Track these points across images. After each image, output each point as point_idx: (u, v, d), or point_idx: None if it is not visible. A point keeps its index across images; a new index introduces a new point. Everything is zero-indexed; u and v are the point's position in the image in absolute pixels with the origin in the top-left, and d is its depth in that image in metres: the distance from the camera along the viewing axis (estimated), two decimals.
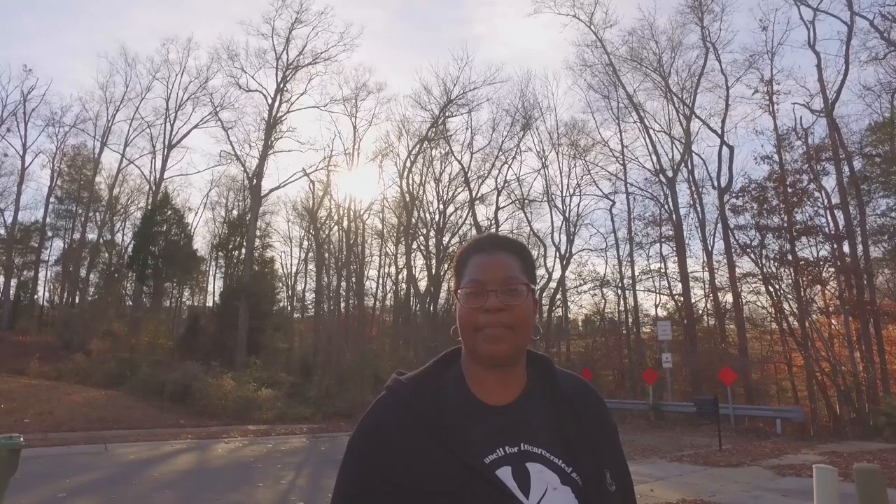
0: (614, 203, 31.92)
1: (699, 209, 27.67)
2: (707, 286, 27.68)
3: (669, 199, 28.45)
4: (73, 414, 15.53)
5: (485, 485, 0.92)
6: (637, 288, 30.22)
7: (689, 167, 28.39)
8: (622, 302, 30.91)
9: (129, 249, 38.76)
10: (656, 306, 30.45)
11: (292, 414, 18.76)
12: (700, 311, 28.73)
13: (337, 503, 1.01)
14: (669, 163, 29.22)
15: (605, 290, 31.85)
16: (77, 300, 40.50)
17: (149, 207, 37.33)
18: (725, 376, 17.31)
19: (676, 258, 27.66)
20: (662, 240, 29.28)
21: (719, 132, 27.21)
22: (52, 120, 40.24)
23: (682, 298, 27.42)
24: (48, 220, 42.99)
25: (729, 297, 25.91)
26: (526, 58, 69.67)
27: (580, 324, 38.41)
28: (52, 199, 42.56)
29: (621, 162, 31.36)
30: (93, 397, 18.45)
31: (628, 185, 30.83)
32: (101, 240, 41.76)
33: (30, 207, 44.81)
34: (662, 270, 29.60)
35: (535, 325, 1.07)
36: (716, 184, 27.11)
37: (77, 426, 14.45)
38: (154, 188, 38.86)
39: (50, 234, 44.23)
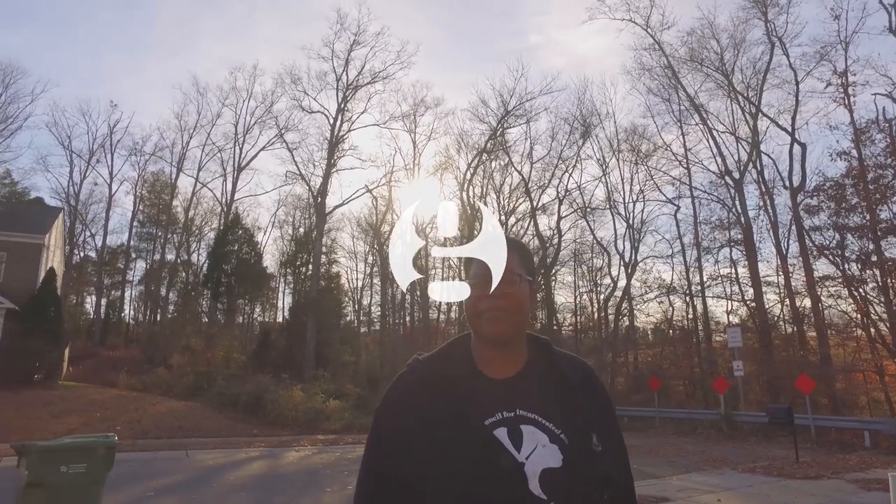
0: (679, 208, 31.04)
1: (770, 211, 26.50)
2: (782, 291, 26.38)
3: (737, 202, 27.39)
4: (158, 422, 16.52)
5: (483, 441, 1.10)
6: (706, 294, 29.15)
7: (759, 168, 27.27)
8: (690, 309, 29.86)
9: (204, 268, 40.93)
10: (728, 313, 29.29)
11: (359, 424, 19.20)
12: (776, 318, 27.38)
13: (364, 465, 1.20)
14: (735, 164, 28.17)
15: (672, 297, 30.90)
16: (158, 317, 43.00)
17: (221, 228, 39.25)
18: (803, 385, 16.42)
19: (747, 262, 26.52)
20: (731, 244, 28.16)
21: (789, 130, 26.03)
22: (134, 149, 43.49)
23: (754, 304, 26.22)
24: (132, 242, 46.11)
25: (807, 302, 24.59)
26: (582, 65, 69.01)
27: (649, 333, 37.42)
28: (135, 224, 45.63)
29: (685, 165, 30.51)
30: (174, 408, 19.53)
31: (693, 189, 29.92)
32: (178, 260, 44.24)
33: (116, 232, 48.02)
34: (732, 275, 28.46)
35: (533, 310, 1.25)
36: (787, 184, 25.91)
37: (161, 434, 15.37)
38: (225, 209, 40.91)
39: (134, 255, 47.36)
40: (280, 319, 44.70)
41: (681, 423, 20.58)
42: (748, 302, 27.33)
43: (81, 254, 46.20)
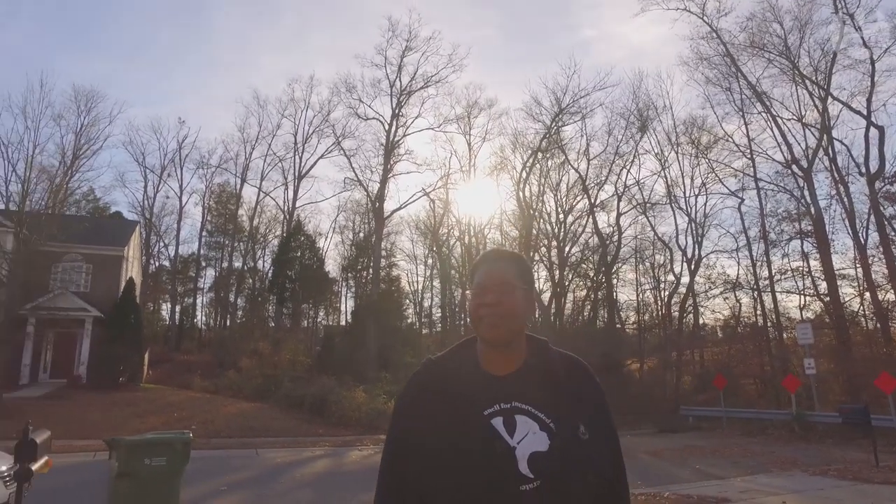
0: (742, 200, 29.84)
1: (845, 200, 25.07)
2: (861, 284, 24.91)
3: (806, 192, 26.08)
4: (229, 423, 17.41)
5: (481, 429, 1.28)
6: (776, 289, 27.89)
7: (831, 154, 25.87)
8: (759, 305, 28.65)
9: (269, 274, 42.53)
10: (800, 308, 27.91)
11: None
12: (855, 312, 25.89)
13: (385, 450, 1.40)
14: (803, 152, 26.82)
15: (738, 293, 29.75)
16: (228, 322, 45.00)
17: (284, 235, 40.67)
18: (885, 383, 15.44)
19: (819, 255, 25.21)
20: (801, 236, 26.82)
21: (865, 113, 24.57)
22: (201, 163, 45.66)
23: (828, 298, 24.88)
24: (202, 251, 48.43)
25: (890, 296, 23.14)
26: (639, 56, 67.44)
27: (719, 330, 36.11)
28: (203, 233, 47.93)
29: (748, 156, 29.29)
30: (244, 409, 20.48)
31: (758, 181, 28.69)
32: (245, 267, 46.09)
33: (187, 241, 50.66)
34: (804, 269, 27.12)
35: (530, 315, 1.43)
36: (864, 170, 24.44)
37: (232, 433, 16.19)
38: (287, 217, 42.38)
39: (203, 264, 49.59)
40: (343, 322, 45.87)
41: (749, 424, 19.81)
42: (822, 296, 25.96)
43: (156, 263, 48.92)
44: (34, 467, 4.85)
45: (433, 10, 76.22)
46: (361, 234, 46.22)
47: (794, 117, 27.57)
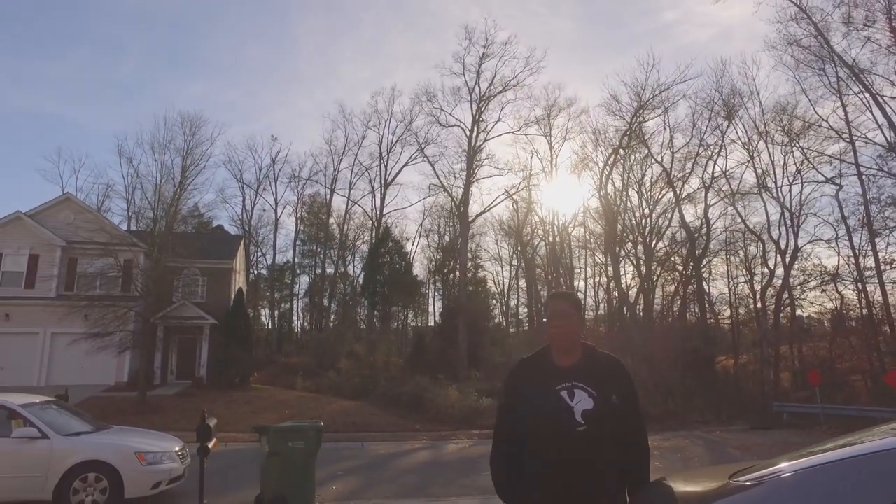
0: (840, 187, 28.22)
1: None
2: None
3: None
4: (334, 418, 18.89)
5: (555, 397, 2.22)
6: (884, 280, 26.19)
7: None
8: (863, 297, 27.04)
9: (360, 279, 44.65)
10: None
11: None
12: None
13: (499, 411, 2.42)
14: None
15: (838, 285, 28.17)
16: (322, 326, 47.62)
17: (373, 241, 42.55)
18: None
19: None
20: None
21: None
22: (293, 176, 48.70)
23: None
24: (296, 259, 51.52)
25: None
26: (722, 39, 64.53)
27: (826, 322, 34.15)
28: (297, 242, 51.00)
29: (847, 139, 27.67)
30: (346, 407, 22.04)
31: (859, 166, 27.07)
32: (336, 273, 48.57)
33: (282, 251, 53.93)
34: None
35: (581, 330, 2.41)
36: None
37: (338, 428, 17.62)
38: (375, 223, 44.26)
39: (298, 271, 52.68)
40: (431, 324, 47.26)
41: (853, 422, 18.96)
42: None
43: (255, 272, 52.59)
44: (209, 445, 6.12)
45: (508, 3, 76.64)
46: (447, 237, 47.52)
47: None
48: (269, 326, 50.35)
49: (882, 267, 26.10)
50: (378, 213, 43.84)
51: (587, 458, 2.15)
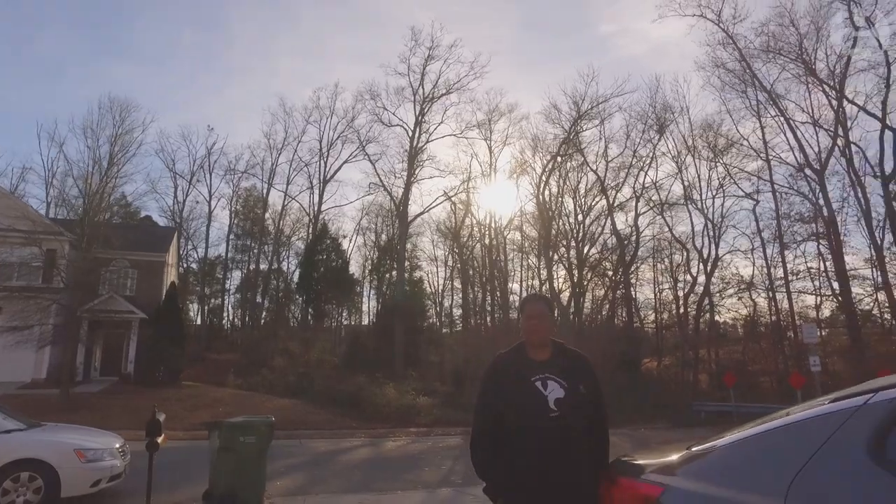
0: (758, 202, 30.48)
1: (862, 201, 25.62)
2: (878, 283, 25.46)
3: (819, 194, 26.67)
4: (272, 416, 18.65)
5: (530, 387, 2.52)
6: (791, 289, 28.50)
7: (848, 156, 26.44)
8: (773, 305, 29.28)
9: (295, 276, 43.82)
10: (816, 308, 28.47)
11: (447, 418, 20.65)
12: (870, 312, 26.44)
13: (478, 400, 2.65)
14: (816, 156, 27.40)
15: (752, 293, 30.37)
16: (255, 322, 46.42)
17: (309, 238, 41.93)
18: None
19: (831, 256, 25.81)
20: (816, 237, 27.41)
21: (880, 115, 25.10)
22: (228, 168, 47.16)
23: (840, 298, 25.49)
24: (229, 254, 49.94)
25: None
26: (658, 52, 67.69)
27: (739, 329, 36.59)
28: (231, 236, 49.46)
29: (764, 158, 29.90)
30: (282, 404, 21.71)
31: (773, 184, 29.31)
32: (270, 268, 47.49)
33: (214, 244, 52.00)
34: (821, 269, 27.71)
35: (553, 329, 2.73)
36: (878, 172, 25.01)
37: (277, 426, 17.41)
38: (313, 220, 43.58)
39: (230, 266, 51.07)
40: (366, 322, 47.03)
41: (759, 418, 20.57)
42: (836, 296, 26.54)
43: (184, 265, 50.62)
44: (158, 440, 6.07)
45: (454, 5, 77.32)
46: (384, 237, 47.34)
47: (809, 121, 28.14)
48: (199, 322, 48.56)
49: (790, 277, 28.36)
50: (316, 209, 43.30)
51: (561, 446, 2.40)
